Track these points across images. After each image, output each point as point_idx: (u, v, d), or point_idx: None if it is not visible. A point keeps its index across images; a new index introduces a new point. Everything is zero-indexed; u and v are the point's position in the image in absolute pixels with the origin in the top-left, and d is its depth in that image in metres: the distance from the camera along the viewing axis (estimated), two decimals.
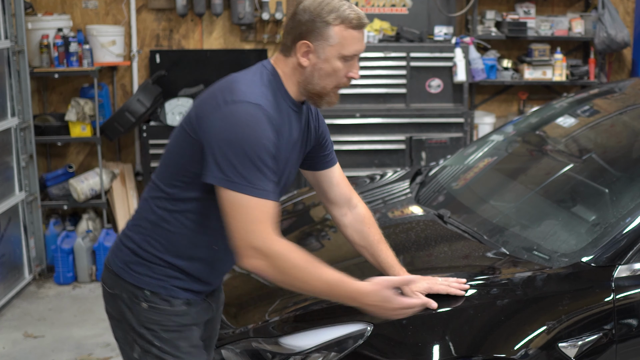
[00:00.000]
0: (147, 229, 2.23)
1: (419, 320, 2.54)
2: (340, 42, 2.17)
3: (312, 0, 2.20)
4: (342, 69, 2.19)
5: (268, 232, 2.06)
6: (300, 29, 2.19)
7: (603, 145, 3.42)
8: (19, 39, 5.15)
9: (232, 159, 2.04)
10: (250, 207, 2.04)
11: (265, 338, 2.65)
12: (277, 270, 2.09)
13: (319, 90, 2.22)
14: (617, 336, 2.58)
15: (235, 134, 2.05)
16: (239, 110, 2.07)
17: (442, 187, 3.60)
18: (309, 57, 2.19)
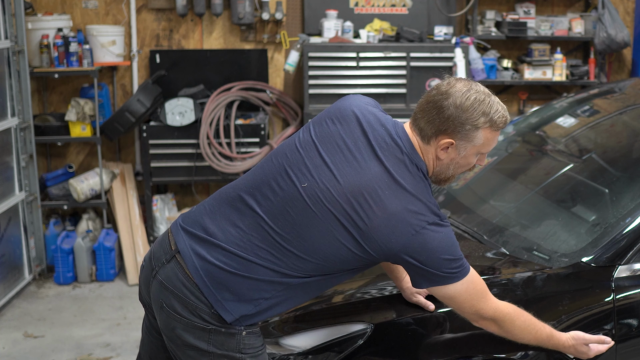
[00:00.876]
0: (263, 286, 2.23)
1: (419, 320, 2.54)
2: (483, 144, 2.23)
3: (463, 98, 2.19)
4: (474, 161, 2.29)
5: (492, 302, 2.32)
6: (447, 126, 2.20)
7: (603, 145, 3.41)
8: (19, 39, 5.15)
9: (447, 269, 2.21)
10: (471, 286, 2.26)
11: (265, 338, 2.64)
12: (503, 330, 2.36)
13: (449, 177, 2.32)
14: (617, 336, 2.58)
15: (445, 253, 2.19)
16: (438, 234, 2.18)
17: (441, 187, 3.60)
18: (448, 151, 2.23)
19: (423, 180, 2.23)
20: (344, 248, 2.18)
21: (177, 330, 2.25)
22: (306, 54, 5.40)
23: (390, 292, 2.68)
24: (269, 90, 5.74)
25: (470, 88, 2.22)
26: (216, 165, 5.46)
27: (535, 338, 2.39)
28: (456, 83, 2.26)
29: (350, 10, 5.82)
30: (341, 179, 2.18)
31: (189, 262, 2.23)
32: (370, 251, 2.18)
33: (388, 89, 5.49)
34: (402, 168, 2.20)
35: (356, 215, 2.16)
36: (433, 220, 2.17)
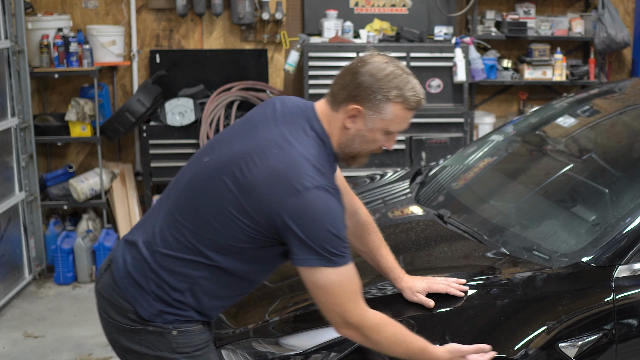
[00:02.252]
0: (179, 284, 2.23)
1: (419, 320, 2.54)
2: (391, 119, 2.18)
3: (380, 68, 2.17)
4: (381, 140, 2.23)
5: (361, 307, 2.19)
6: (358, 92, 2.16)
7: (603, 145, 3.41)
8: (19, 39, 5.15)
9: (324, 244, 2.10)
10: (345, 281, 2.15)
11: (265, 338, 2.65)
12: (370, 341, 2.23)
13: (355, 154, 2.25)
14: (617, 336, 2.58)
15: (326, 220, 2.08)
16: (321, 197, 2.09)
17: (442, 187, 3.60)
18: (355, 121, 2.18)
19: (320, 146, 2.18)
20: (226, 212, 2.14)
21: (114, 335, 2.31)
22: (306, 54, 5.40)
23: (391, 292, 2.68)
24: (269, 90, 5.74)
25: (391, 62, 2.20)
26: None
27: (405, 351, 2.24)
28: (378, 55, 2.22)
29: (350, 10, 5.82)
30: (236, 145, 2.19)
31: (116, 266, 2.29)
32: (251, 213, 2.11)
33: None
34: (299, 132, 2.17)
35: (240, 173, 2.13)
36: (320, 184, 2.09)
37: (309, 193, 2.07)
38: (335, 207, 2.12)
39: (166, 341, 2.25)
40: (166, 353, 2.25)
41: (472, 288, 2.67)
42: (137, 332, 2.25)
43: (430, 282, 2.57)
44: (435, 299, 2.62)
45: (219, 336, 2.76)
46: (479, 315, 2.55)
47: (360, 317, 2.18)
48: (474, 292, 2.65)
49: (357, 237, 2.60)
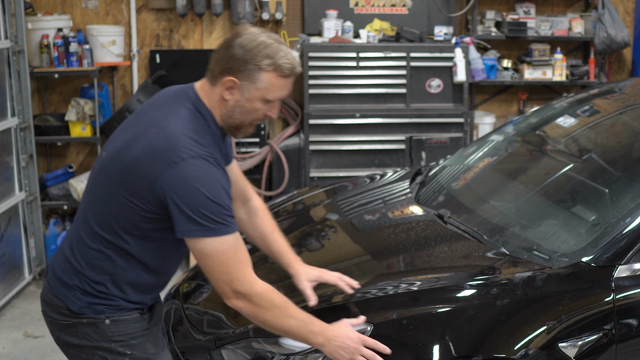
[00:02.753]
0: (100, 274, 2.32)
1: (419, 320, 2.54)
2: (267, 88, 2.23)
3: (251, 38, 2.22)
4: (262, 109, 2.27)
5: (249, 275, 2.22)
6: (231, 64, 2.22)
7: (603, 145, 3.41)
8: (19, 39, 5.15)
9: (203, 211, 2.14)
10: (231, 249, 2.19)
11: (265, 338, 2.64)
12: (259, 311, 2.25)
13: (238, 124, 2.31)
14: (617, 336, 2.58)
15: (203, 188, 2.14)
16: (197, 166, 2.15)
17: (442, 187, 3.60)
18: (232, 92, 2.25)
19: (199, 120, 2.24)
20: (119, 197, 2.22)
21: (55, 332, 2.40)
22: (306, 54, 5.40)
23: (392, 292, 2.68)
24: None
25: (262, 33, 2.25)
26: None
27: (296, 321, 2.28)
28: (250, 27, 2.27)
29: (350, 10, 5.82)
30: (125, 135, 2.29)
31: (50, 270, 2.42)
32: (139, 192, 2.19)
33: (388, 89, 5.50)
34: (178, 110, 2.25)
35: (125, 157, 2.22)
36: (197, 154, 2.15)
37: (185, 163, 2.13)
38: (213, 174, 2.17)
39: (101, 331, 2.31)
40: (103, 343, 2.32)
41: (472, 288, 2.68)
42: (73, 326, 2.33)
43: (322, 272, 2.64)
44: (435, 298, 2.62)
45: (219, 336, 2.77)
46: (479, 315, 2.55)
47: (249, 285, 2.21)
48: (474, 292, 2.65)
49: (250, 223, 2.67)
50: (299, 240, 3.37)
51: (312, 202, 3.77)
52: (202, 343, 2.84)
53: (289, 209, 3.79)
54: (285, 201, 3.90)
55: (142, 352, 2.37)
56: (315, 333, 2.32)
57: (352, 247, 3.26)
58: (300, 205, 3.79)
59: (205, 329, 2.88)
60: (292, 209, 3.78)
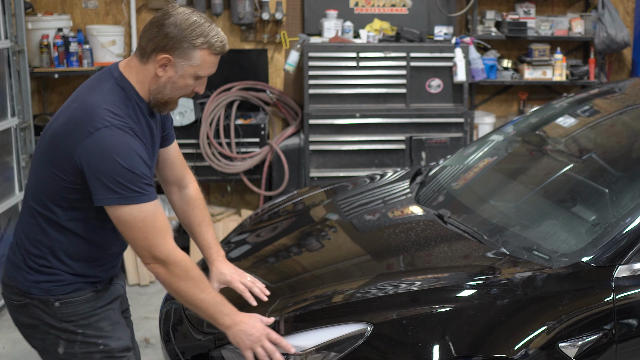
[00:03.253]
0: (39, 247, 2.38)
1: (419, 320, 2.54)
2: (200, 64, 2.33)
3: (183, 18, 2.30)
4: (192, 85, 2.37)
5: (169, 243, 2.29)
6: (166, 42, 2.29)
7: (603, 145, 3.41)
8: (19, 39, 5.15)
9: (118, 179, 2.20)
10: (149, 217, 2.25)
11: None
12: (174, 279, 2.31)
13: (167, 100, 2.38)
14: (617, 336, 2.59)
15: (117, 155, 2.20)
16: (112, 135, 2.21)
17: (442, 187, 3.60)
18: (165, 69, 2.32)
19: (120, 92, 2.30)
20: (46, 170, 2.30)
21: (13, 314, 2.48)
22: (306, 54, 5.40)
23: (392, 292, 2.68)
24: (269, 90, 5.74)
25: (193, 12, 2.33)
26: (216, 165, 5.46)
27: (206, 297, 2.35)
28: (180, 7, 2.35)
29: (350, 10, 5.82)
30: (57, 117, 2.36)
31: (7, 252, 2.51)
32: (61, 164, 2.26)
33: (388, 89, 5.50)
34: (100, 86, 2.32)
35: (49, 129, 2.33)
36: (113, 124, 2.22)
37: (99, 132, 2.20)
38: (129, 143, 2.22)
39: (52, 312, 2.38)
40: (54, 322, 2.39)
41: (472, 288, 2.68)
42: (25, 307, 2.41)
43: (237, 277, 2.67)
44: (435, 298, 2.62)
45: (219, 336, 2.76)
46: (479, 315, 2.55)
47: (167, 252, 2.28)
48: (474, 292, 2.65)
49: (181, 211, 2.72)
50: (299, 240, 3.37)
51: (312, 202, 3.77)
52: (202, 343, 2.84)
53: (289, 209, 3.79)
54: (285, 201, 3.90)
55: (95, 331, 2.42)
56: (224, 314, 2.38)
57: (352, 247, 3.26)
58: (300, 205, 3.79)
59: (205, 329, 2.88)
60: (292, 209, 3.78)
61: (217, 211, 5.71)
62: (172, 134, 2.61)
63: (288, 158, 5.53)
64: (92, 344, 2.42)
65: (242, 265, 3.31)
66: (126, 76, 2.35)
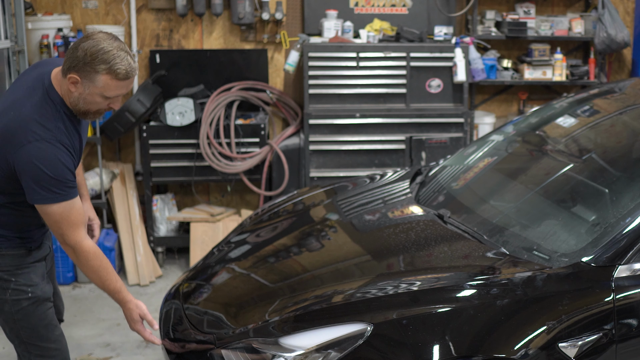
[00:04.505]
0: None
1: (419, 320, 2.54)
2: (104, 87, 2.64)
3: (93, 44, 2.61)
4: (103, 102, 2.71)
5: (78, 234, 2.75)
6: (76, 63, 2.63)
7: (603, 145, 3.42)
8: (19, 39, 5.15)
9: (44, 184, 2.64)
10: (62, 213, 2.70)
11: (265, 338, 2.65)
12: (80, 263, 2.80)
13: (85, 111, 2.73)
14: (617, 336, 2.59)
15: (44, 166, 2.63)
16: (41, 148, 2.63)
17: (442, 187, 3.60)
18: (76, 86, 2.66)
19: (51, 107, 2.70)
20: None
21: None
22: (306, 54, 5.40)
23: (392, 292, 2.68)
24: (269, 90, 5.74)
25: (105, 40, 2.63)
26: (216, 165, 5.46)
27: (102, 284, 2.84)
28: (98, 33, 2.66)
29: (350, 10, 5.82)
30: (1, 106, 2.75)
31: None
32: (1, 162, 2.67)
33: (388, 89, 5.50)
34: (35, 97, 2.70)
35: None
36: (42, 138, 2.63)
37: (31, 145, 2.62)
38: (55, 154, 2.64)
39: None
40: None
41: (472, 288, 2.68)
42: None
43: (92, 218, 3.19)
44: (435, 298, 2.62)
45: (219, 336, 2.77)
46: (479, 315, 2.55)
47: (75, 242, 2.75)
48: (474, 292, 2.65)
49: None
50: (299, 240, 3.37)
51: (312, 202, 3.77)
52: (202, 343, 2.84)
53: (289, 209, 3.79)
54: (285, 201, 3.90)
55: (26, 280, 2.86)
56: (119, 299, 2.89)
57: (352, 247, 3.26)
58: (300, 205, 3.79)
59: (205, 329, 2.89)
60: (292, 209, 3.78)
61: (217, 211, 5.71)
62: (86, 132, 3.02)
63: (288, 158, 5.53)
64: (22, 291, 2.86)
65: (242, 265, 3.31)
66: (55, 86, 2.72)
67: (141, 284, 5.28)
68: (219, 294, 3.14)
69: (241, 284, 3.16)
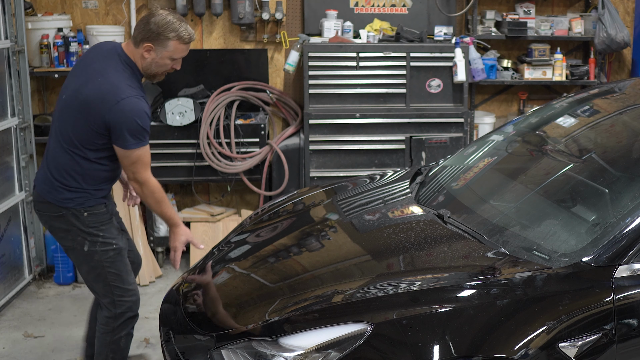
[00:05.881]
0: (74, 175, 3.37)
1: (419, 320, 2.54)
2: (173, 50, 3.34)
3: (161, 18, 3.30)
4: (170, 64, 3.40)
5: (147, 172, 3.36)
6: (149, 35, 3.30)
7: (603, 145, 3.41)
8: (19, 39, 5.15)
9: (135, 133, 3.25)
10: (141, 155, 3.31)
11: (265, 338, 2.65)
12: (144, 194, 3.40)
13: (153, 74, 3.42)
14: (617, 336, 2.59)
15: (137, 117, 3.24)
16: (130, 103, 3.24)
17: (442, 187, 3.60)
18: (150, 53, 3.33)
19: (129, 72, 3.34)
20: (79, 123, 3.29)
21: (48, 223, 3.50)
22: (306, 54, 5.40)
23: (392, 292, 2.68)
24: (269, 90, 5.74)
25: (169, 14, 3.33)
26: (216, 165, 5.46)
27: (161, 212, 3.46)
28: (162, 10, 3.36)
29: (350, 10, 5.82)
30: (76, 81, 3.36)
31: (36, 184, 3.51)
32: (92, 119, 3.25)
33: (388, 89, 5.50)
34: (114, 64, 3.34)
35: (80, 97, 3.29)
36: (132, 95, 3.24)
37: (124, 101, 3.23)
38: (141, 107, 3.25)
39: (81, 220, 3.41)
40: (83, 227, 3.41)
41: (472, 288, 2.68)
42: (62, 217, 3.42)
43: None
44: (435, 298, 2.62)
45: (219, 336, 2.77)
46: (479, 315, 2.55)
47: (145, 178, 3.36)
48: (474, 292, 2.65)
49: None
50: (299, 240, 3.37)
51: (312, 202, 3.77)
52: (202, 343, 2.85)
53: (289, 209, 3.79)
54: (285, 201, 3.90)
55: (110, 234, 3.46)
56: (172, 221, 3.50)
57: (352, 247, 3.26)
58: (300, 205, 3.79)
59: (205, 329, 2.88)
60: (292, 209, 3.78)
61: (217, 211, 5.71)
62: None
63: (288, 158, 5.53)
64: (108, 243, 3.45)
65: (242, 265, 3.31)
66: (129, 56, 3.36)
67: (141, 284, 5.28)
68: (219, 294, 3.14)
69: (241, 284, 3.16)
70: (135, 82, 3.33)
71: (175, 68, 3.44)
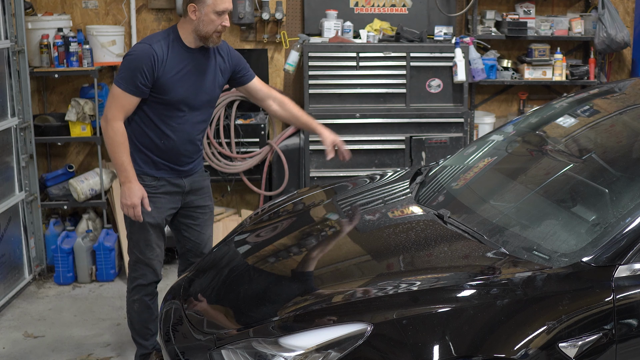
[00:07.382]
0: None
1: (419, 320, 2.54)
2: (213, 3, 3.53)
3: None
4: (216, 20, 3.56)
5: (117, 114, 3.52)
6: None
7: (603, 145, 3.41)
8: (19, 39, 5.15)
9: (123, 68, 3.53)
10: (116, 94, 3.51)
11: (265, 338, 2.65)
12: (106, 135, 3.54)
13: (205, 34, 3.58)
14: (617, 336, 2.59)
15: (129, 54, 3.55)
16: (135, 46, 3.59)
17: (442, 187, 3.60)
18: (195, 14, 3.54)
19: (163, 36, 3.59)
20: None
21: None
22: (306, 54, 5.40)
23: (392, 292, 2.68)
24: None
25: None
26: (216, 165, 5.46)
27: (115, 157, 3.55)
28: None
29: (350, 10, 5.82)
30: None
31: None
32: None
33: (388, 89, 5.50)
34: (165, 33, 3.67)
35: None
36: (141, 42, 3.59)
37: (134, 46, 3.63)
38: (144, 52, 3.51)
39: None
40: None
41: (472, 288, 2.68)
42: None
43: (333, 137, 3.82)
44: (435, 298, 2.62)
45: (219, 336, 2.77)
46: (479, 315, 2.55)
47: (110, 116, 3.52)
48: (474, 292, 2.65)
49: (283, 111, 3.95)
50: (299, 240, 3.37)
51: (312, 202, 3.77)
52: (202, 343, 2.85)
53: (289, 209, 3.79)
54: (285, 201, 3.90)
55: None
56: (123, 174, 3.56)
57: (352, 247, 3.26)
58: (300, 205, 3.79)
59: (205, 329, 2.89)
60: (292, 209, 3.78)
61: (217, 211, 5.71)
62: (248, 74, 3.90)
63: (288, 158, 5.53)
64: None
65: (242, 265, 3.31)
66: (178, 30, 3.61)
67: None
68: (219, 294, 3.14)
69: (241, 284, 3.16)
70: (160, 42, 3.55)
71: (225, 25, 3.58)
